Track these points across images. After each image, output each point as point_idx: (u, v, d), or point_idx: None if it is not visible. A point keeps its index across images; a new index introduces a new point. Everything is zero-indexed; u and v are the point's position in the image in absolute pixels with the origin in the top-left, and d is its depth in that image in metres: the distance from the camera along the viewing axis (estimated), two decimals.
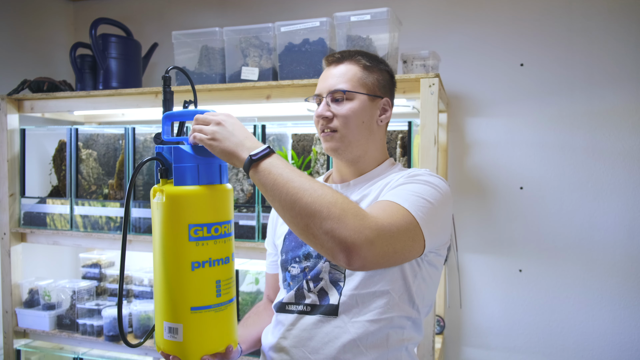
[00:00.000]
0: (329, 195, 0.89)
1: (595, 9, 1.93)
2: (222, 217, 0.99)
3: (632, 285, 1.91)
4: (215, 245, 0.97)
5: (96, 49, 2.10)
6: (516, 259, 2.04)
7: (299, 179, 0.91)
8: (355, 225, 0.86)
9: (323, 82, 1.17)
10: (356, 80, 1.15)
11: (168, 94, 1.06)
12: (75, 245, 2.12)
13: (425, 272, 1.10)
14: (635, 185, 1.90)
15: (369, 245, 0.86)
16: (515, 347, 2.05)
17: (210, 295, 0.96)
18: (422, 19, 2.13)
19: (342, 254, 0.86)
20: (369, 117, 1.15)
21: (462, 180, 2.10)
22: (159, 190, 0.97)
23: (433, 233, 1.00)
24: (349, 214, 0.87)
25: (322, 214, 0.86)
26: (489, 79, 2.06)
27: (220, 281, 0.97)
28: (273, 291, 1.34)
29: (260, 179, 0.93)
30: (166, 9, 2.53)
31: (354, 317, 1.06)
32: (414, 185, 1.03)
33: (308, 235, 0.89)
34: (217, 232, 0.97)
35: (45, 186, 2.37)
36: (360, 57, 1.17)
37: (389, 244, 0.90)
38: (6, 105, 2.12)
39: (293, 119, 2.23)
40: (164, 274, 0.97)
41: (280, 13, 2.30)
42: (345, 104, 1.13)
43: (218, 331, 0.99)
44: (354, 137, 1.14)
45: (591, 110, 1.95)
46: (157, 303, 1.00)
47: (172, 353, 0.98)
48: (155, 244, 0.99)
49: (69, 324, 2.12)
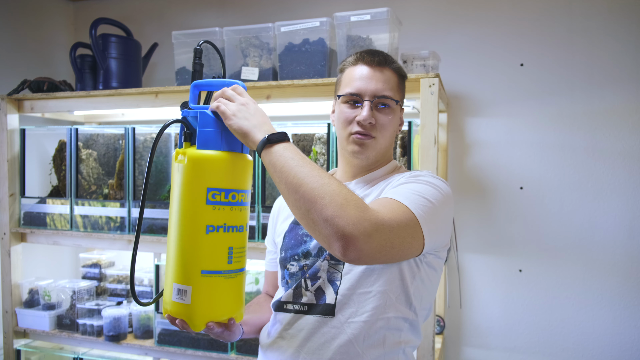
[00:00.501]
0: (334, 185, 0.89)
1: (595, 9, 1.93)
2: (240, 185, 1.00)
3: (632, 285, 1.91)
4: (231, 211, 0.98)
5: (96, 49, 2.10)
6: (516, 259, 2.04)
7: (309, 165, 0.92)
8: (355, 216, 0.86)
9: (365, 83, 1.13)
10: (396, 89, 1.16)
11: (198, 65, 1.08)
12: (75, 245, 2.12)
13: (424, 274, 1.10)
14: (635, 185, 1.90)
15: (367, 237, 0.86)
16: (515, 347, 2.05)
17: (222, 260, 0.97)
18: (422, 19, 2.13)
19: (338, 243, 0.86)
20: (397, 127, 1.19)
21: (462, 180, 2.10)
22: (182, 153, 0.99)
23: (433, 232, 1.00)
24: (351, 204, 0.87)
25: (324, 201, 0.87)
26: (489, 79, 2.06)
27: (232, 248, 0.98)
28: (272, 288, 1.34)
29: (272, 159, 0.94)
30: (166, 9, 2.53)
31: (350, 317, 1.06)
32: (415, 185, 1.03)
33: (308, 221, 0.90)
34: (234, 199, 0.98)
35: (45, 186, 2.37)
36: (399, 66, 1.18)
37: (387, 238, 0.90)
38: (6, 105, 2.12)
39: (293, 119, 2.23)
40: (179, 236, 0.98)
41: (280, 13, 2.30)
42: (387, 113, 1.14)
43: (226, 298, 0.99)
44: (384, 145, 1.16)
45: (591, 110, 1.95)
46: (168, 265, 1.01)
47: (179, 316, 0.99)
48: (172, 205, 1.00)
49: (69, 324, 2.12)
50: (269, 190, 1.86)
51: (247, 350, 1.85)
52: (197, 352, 1.89)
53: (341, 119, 1.15)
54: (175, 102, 1.91)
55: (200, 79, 1.08)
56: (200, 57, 1.10)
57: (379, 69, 1.14)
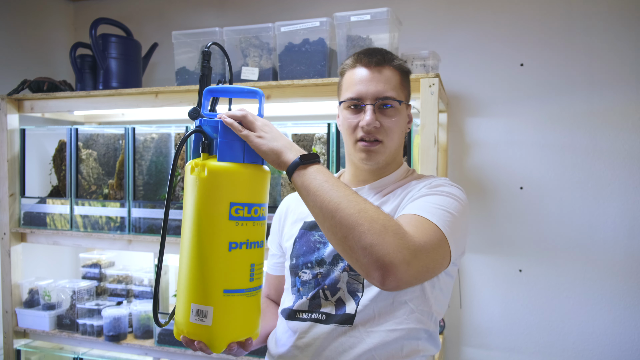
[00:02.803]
0: (372, 210, 0.87)
1: (595, 9, 1.93)
2: (261, 199, 0.96)
3: (632, 285, 1.91)
4: (254, 226, 0.94)
5: (96, 49, 2.10)
6: (516, 259, 2.04)
7: (343, 189, 0.89)
8: (394, 244, 0.84)
9: (365, 86, 1.10)
10: (399, 88, 1.12)
11: (206, 69, 1.03)
12: (75, 245, 2.12)
13: (443, 283, 1.09)
14: (635, 185, 1.90)
15: (406, 265, 0.84)
16: (515, 347, 2.05)
17: (244, 278, 0.92)
18: (422, 19, 2.13)
19: (377, 272, 0.83)
20: (405, 126, 1.15)
21: (462, 180, 2.10)
22: (200, 165, 0.92)
23: (457, 245, 0.99)
24: (390, 231, 0.85)
25: (363, 228, 0.84)
26: (489, 79, 2.06)
27: (254, 265, 0.94)
28: (274, 292, 1.31)
29: (305, 181, 0.91)
30: (166, 9, 2.53)
31: (370, 327, 1.04)
32: (437, 198, 1.02)
33: (345, 248, 0.87)
34: (256, 214, 0.94)
35: (45, 186, 2.37)
36: (400, 63, 1.14)
37: (424, 264, 0.89)
38: (6, 105, 2.12)
39: (293, 119, 2.23)
40: (197, 254, 0.92)
41: (280, 13, 2.30)
42: (392, 114, 1.10)
43: (247, 317, 0.95)
44: (394, 147, 1.13)
45: (591, 110, 1.95)
46: (184, 284, 0.94)
47: (198, 338, 0.93)
48: (188, 221, 0.94)
49: (69, 324, 2.12)
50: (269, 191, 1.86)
51: None
52: (198, 353, 1.89)
53: (345, 126, 1.13)
54: (175, 102, 1.91)
55: (209, 83, 1.04)
56: (209, 59, 1.05)
57: (378, 69, 1.11)
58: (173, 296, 2.14)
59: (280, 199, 1.88)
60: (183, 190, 1.92)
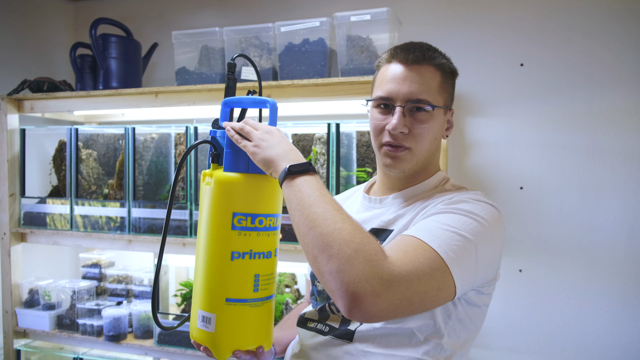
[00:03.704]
0: (347, 231, 0.78)
1: (595, 9, 1.93)
2: (268, 209, 0.95)
3: (632, 285, 1.91)
4: (258, 237, 0.93)
5: (96, 49, 2.10)
6: (516, 259, 2.04)
7: (323, 205, 0.82)
8: (363, 273, 0.75)
9: (397, 85, 0.99)
10: (438, 91, 1.00)
11: (231, 81, 1.03)
12: (75, 245, 2.12)
13: (462, 312, 0.96)
14: (635, 185, 1.90)
15: (374, 297, 0.74)
16: (515, 347, 2.05)
17: (247, 288, 0.92)
18: (422, 19, 2.13)
19: (341, 301, 0.76)
20: (440, 132, 1.04)
21: (462, 180, 2.10)
22: (209, 175, 0.95)
23: (468, 275, 0.87)
24: (361, 257, 0.76)
25: (332, 251, 0.77)
26: (489, 79, 2.06)
27: (259, 275, 0.93)
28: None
29: (289, 193, 0.86)
30: (166, 9, 2.53)
31: (367, 347, 0.95)
32: (450, 217, 0.89)
33: (315, 269, 0.81)
34: (261, 224, 0.93)
35: (45, 186, 2.37)
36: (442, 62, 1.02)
37: (403, 296, 0.78)
38: (6, 105, 2.12)
39: (293, 119, 2.23)
40: (204, 261, 0.94)
41: (280, 13, 2.30)
42: (425, 119, 0.99)
43: (251, 328, 0.95)
44: (423, 155, 1.02)
45: (591, 110, 1.95)
46: (195, 290, 0.97)
47: (203, 343, 0.94)
48: (200, 229, 0.96)
49: (69, 324, 2.12)
50: None
51: None
52: (197, 352, 1.89)
53: (372, 126, 1.03)
54: (175, 102, 1.92)
55: (233, 94, 1.03)
56: (234, 71, 1.03)
57: (416, 67, 0.99)
58: (173, 296, 2.14)
59: None
60: (183, 190, 1.92)
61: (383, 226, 1.03)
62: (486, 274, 0.94)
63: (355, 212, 1.14)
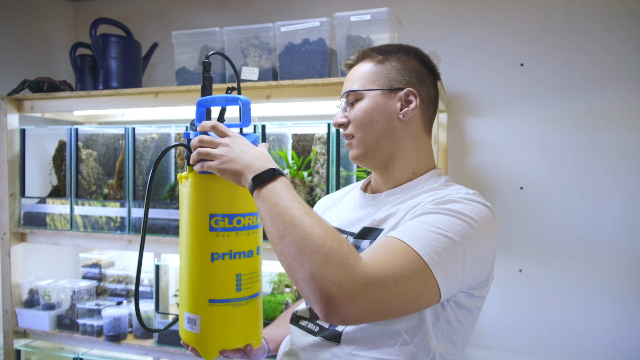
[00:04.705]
0: (317, 236, 0.78)
1: (595, 9, 1.93)
2: (246, 209, 0.94)
3: (632, 285, 1.91)
4: (237, 237, 0.93)
5: (96, 49, 2.10)
6: (516, 259, 2.04)
7: (291, 212, 0.82)
8: (335, 277, 0.75)
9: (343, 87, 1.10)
10: (368, 77, 1.04)
11: (207, 80, 1.00)
12: (75, 245, 2.12)
13: (452, 315, 0.94)
14: (635, 185, 1.90)
15: (349, 301, 0.75)
16: (515, 347, 2.05)
17: (230, 288, 0.93)
18: (422, 19, 2.13)
19: (317, 306, 0.77)
20: (384, 114, 1.02)
21: (462, 180, 2.10)
22: (184, 178, 0.95)
23: (454, 278, 0.85)
24: (333, 262, 0.76)
25: (304, 258, 0.77)
26: (489, 79, 2.06)
27: (241, 275, 0.93)
28: None
29: (258, 204, 0.86)
30: (166, 9, 2.53)
31: (355, 349, 0.94)
32: (437, 217, 0.87)
33: (290, 277, 0.81)
34: (239, 224, 0.93)
35: (45, 186, 2.37)
36: (374, 52, 1.06)
37: (380, 299, 0.78)
38: (6, 105, 2.12)
39: (293, 119, 2.23)
40: (186, 263, 0.95)
41: (280, 13, 2.30)
42: (356, 104, 1.04)
43: (237, 327, 0.95)
44: (371, 139, 1.03)
45: (591, 110, 1.95)
46: (180, 292, 0.98)
47: (191, 344, 0.96)
48: (181, 232, 0.97)
49: (69, 324, 2.12)
50: None
51: None
52: None
53: None
54: (175, 102, 1.91)
55: (210, 94, 1.01)
56: (209, 70, 1.01)
57: (354, 67, 1.09)
58: (173, 296, 2.14)
59: None
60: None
61: (374, 225, 1.03)
62: (476, 277, 0.91)
63: (351, 209, 1.14)
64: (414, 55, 1.08)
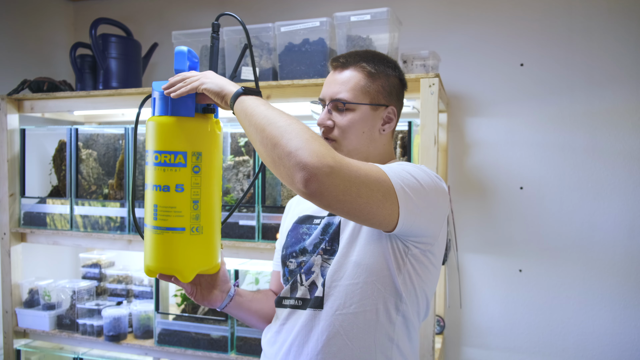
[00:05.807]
0: (302, 125, 0.90)
1: (595, 9, 1.93)
2: (164, 147, 1.02)
3: (632, 285, 1.91)
4: (155, 171, 1.02)
5: (96, 49, 2.10)
6: (516, 259, 2.04)
7: (279, 111, 0.94)
8: (319, 150, 0.85)
9: (327, 87, 1.16)
10: (359, 89, 1.13)
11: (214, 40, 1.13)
12: (75, 245, 2.12)
13: (411, 268, 1.07)
14: (635, 185, 1.90)
15: (328, 170, 0.84)
16: (515, 347, 2.05)
17: (149, 216, 1.04)
18: (422, 19, 2.13)
19: (299, 174, 0.85)
20: (369, 127, 1.14)
21: (462, 180, 2.10)
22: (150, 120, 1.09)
23: (412, 210, 0.96)
24: (317, 141, 0.87)
25: (291, 135, 0.87)
26: (489, 79, 2.06)
27: (157, 206, 1.02)
28: (276, 287, 1.33)
29: (244, 107, 0.96)
30: (166, 9, 2.53)
31: (338, 309, 1.06)
32: (405, 165, 1.02)
33: (273, 157, 0.89)
34: (156, 159, 1.02)
35: (45, 186, 2.37)
36: (365, 64, 1.14)
37: (353, 183, 0.88)
38: (6, 105, 2.12)
39: None
40: None
41: (280, 13, 2.30)
42: (345, 114, 1.12)
43: (157, 252, 1.03)
44: (353, 146, 1.14)
45: (591, 110, 1.95)
46: None
47: None
48: None
49: (69, 324, 2.12)
50: (269, 190, 1.86)
51: (247, 350, 1.85)
52: (197, 352, 1.89)
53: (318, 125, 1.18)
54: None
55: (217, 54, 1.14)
56: (217, 31, 1.13)
57: (339, 71, 1.15)
58: (173, 296, 2.14)
59: (280, 199, 1.88)
60: None
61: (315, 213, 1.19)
62: (429, 226, 1.03)
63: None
64: (394, 69, 1.18)
